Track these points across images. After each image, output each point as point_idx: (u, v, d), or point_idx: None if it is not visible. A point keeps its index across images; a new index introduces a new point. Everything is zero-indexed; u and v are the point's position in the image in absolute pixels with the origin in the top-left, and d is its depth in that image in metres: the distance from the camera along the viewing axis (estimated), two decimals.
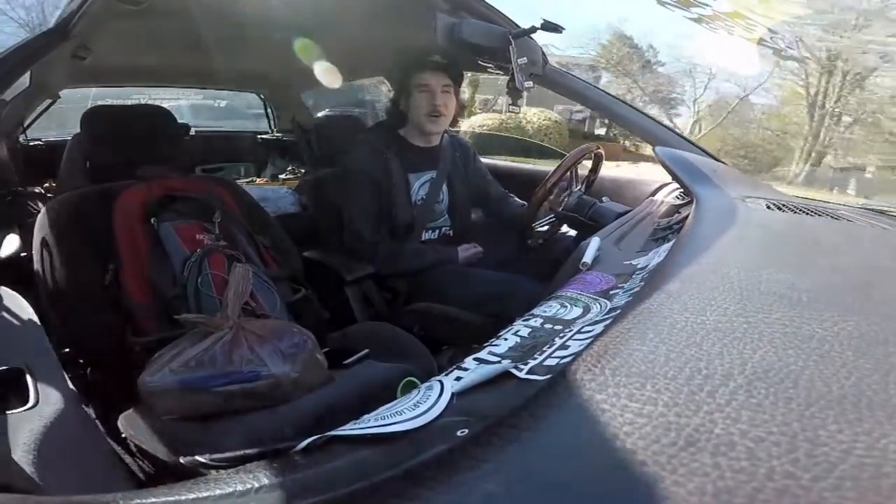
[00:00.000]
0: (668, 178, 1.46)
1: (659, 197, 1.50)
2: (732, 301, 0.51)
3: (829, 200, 1.29)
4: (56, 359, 0.80)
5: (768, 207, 1.00)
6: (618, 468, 0.31)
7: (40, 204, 1.24)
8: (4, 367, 0.72)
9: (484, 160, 1.96)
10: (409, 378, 1.02)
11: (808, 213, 0.98)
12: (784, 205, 1.02)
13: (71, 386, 0.77)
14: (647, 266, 0.85)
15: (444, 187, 1.73)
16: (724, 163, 1.63)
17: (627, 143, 11.90)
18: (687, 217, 0.94)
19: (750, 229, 0.84)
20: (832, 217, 0.97)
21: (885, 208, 1.16)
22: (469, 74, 1.85)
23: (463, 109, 1.70)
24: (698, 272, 0.59)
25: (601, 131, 12.90)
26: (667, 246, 0.90)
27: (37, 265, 1.12)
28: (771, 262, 0.63)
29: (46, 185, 2.21)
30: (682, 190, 1.35)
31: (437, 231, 1.75)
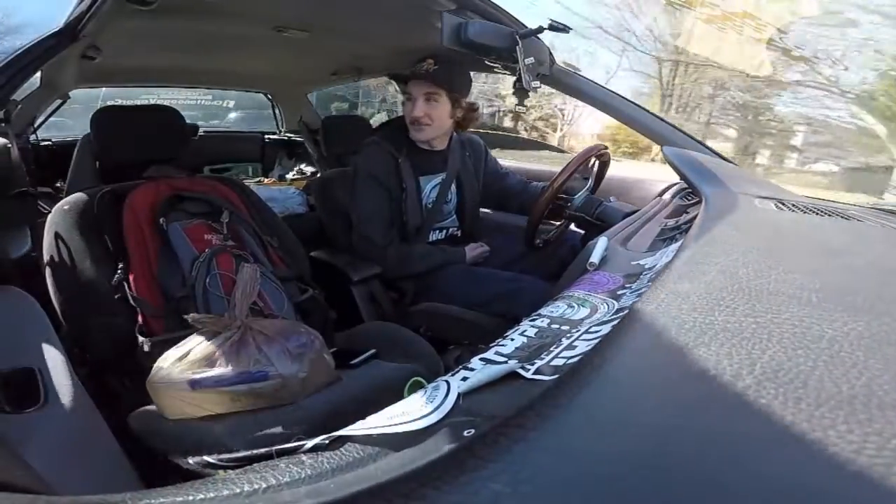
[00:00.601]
0: (676, 178, 1.46)
1: (667, 197, 1.50)
2: (741, 301, 0.50)
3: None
4: (65, 359, 0.80)
5: (777, 207, 0.99)
6: (625, 468, 0.31)
7: (50, 204, 1.24)
8: (15, 367, 0.73)
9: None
10: (415, 378, 1.03)
11: (817, 213, 0.97)
12: (794, 204, 1.01)
13: (80, 386, 0.78)
14: (654, 266, 0.84)
15: (453, 187, 1.73)
16: (732, 163, 1.62)
17: (535, 135, 11.99)
18: (695, 217, 0.93)
19: (759, 229, 0.84)
20: (842, 217, 0.96)
21: (895, 208, 1.15)
22: None
23: (473, 112, 1.68)
24: (707, 272, 0.59)
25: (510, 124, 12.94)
26: (675, 246, 0.90)
27: (47, 265, 1.13)
28: (780, 262, 0.63)
29: (57, 185, 2.22)
30: (690, 190, 1.35)
31: (445, 231, 1.75)
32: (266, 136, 3.41)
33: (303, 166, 3.24)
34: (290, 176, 3.17)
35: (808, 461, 0.30)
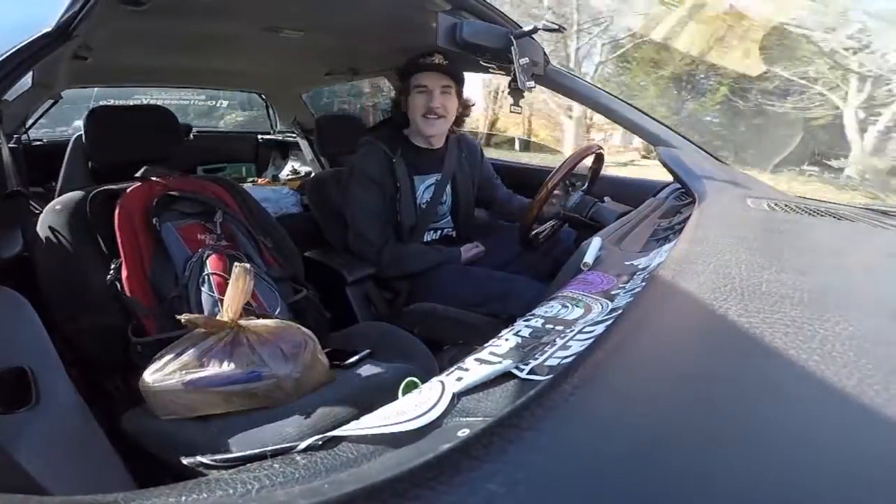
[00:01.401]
0: (670, 178, 1.46)
1: (660, 197, 1.50)
2: (734, 301, 0.50)
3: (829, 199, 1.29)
4: (58, 359, 0.80)
5: (770, 207, 0.99)
6: (620, 467, 0.31)
7: (42, 204, 1.23)
8: (6, 368, 0.72)
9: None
10: (410, 378, 1.02)
11: (809, 214, 0.97)
12: (786, 205, 1.02)
13: (73, 386, 0.77)
14: (648, 266, 0.84)
15: (448, 188, 1.73)
16: (725, 163, 1.63)
17: None
18: (688, 217, 0.94)
19: (752, 229, 0.84)
20: (834, 217, 0.97)
21: (887, 209, 1.16)
22: None
23: (467, 109, 1.69)
24: (700, 272, 0.59)
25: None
26: (668, 246, 0.90)
27: (39, 266, 1.12)
28: (773, 262, 0.63)
29: (49, 185, 2.21)
30: (683, 190, 1.35)
31: (440, 231, 1.75)
32: (260, 136, 3.40)
33: (297, 166, 3.23)
34: (283, 176, 3.16)
35: (804, 460, 0.30)
